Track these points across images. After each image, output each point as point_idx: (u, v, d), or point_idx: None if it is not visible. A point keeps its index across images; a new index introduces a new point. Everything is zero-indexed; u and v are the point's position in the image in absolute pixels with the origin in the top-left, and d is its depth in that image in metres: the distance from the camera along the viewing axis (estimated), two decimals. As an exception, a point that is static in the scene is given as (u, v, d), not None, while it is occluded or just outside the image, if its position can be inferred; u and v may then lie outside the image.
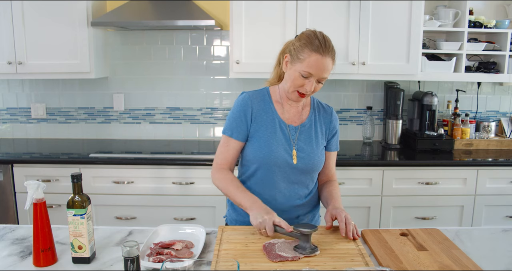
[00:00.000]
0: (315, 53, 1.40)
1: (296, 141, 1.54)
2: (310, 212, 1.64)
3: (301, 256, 1.24)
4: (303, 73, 1.42)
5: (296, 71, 1.43)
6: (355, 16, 2.65)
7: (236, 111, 1.54)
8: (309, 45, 1.41)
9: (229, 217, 1.69)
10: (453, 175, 2.57)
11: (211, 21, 2.55)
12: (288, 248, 1.28)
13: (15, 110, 3.15)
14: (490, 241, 1.42)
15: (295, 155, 1.52)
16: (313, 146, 1.55)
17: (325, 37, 1.45)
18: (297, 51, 1.43)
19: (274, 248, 1.27)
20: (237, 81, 3.08)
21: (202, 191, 2.56)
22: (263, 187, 1.55)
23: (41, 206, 1.20)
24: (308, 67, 1.40)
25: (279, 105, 1.57)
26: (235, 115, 1.54)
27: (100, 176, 2.56)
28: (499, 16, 2.96)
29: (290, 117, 1.57)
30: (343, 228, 1.37)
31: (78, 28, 2.69)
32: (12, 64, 2.72)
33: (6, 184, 2.54)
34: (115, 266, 1.23)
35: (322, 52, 1.40)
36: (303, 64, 1.41)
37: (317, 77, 1.43)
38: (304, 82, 1.43)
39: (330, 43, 1.45)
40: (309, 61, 1.40)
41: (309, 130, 1.57)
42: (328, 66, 1.43)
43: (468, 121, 2.95)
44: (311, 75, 1.42)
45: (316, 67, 1.40)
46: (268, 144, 1.51)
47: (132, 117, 3.15)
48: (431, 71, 2.78)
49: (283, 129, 1.54)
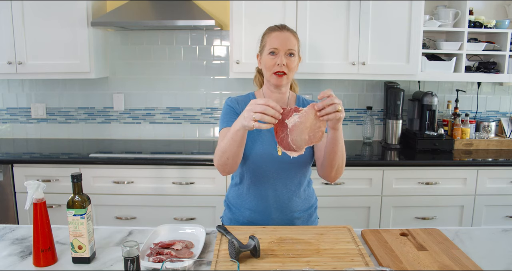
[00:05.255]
0: (273, 32, 1.56)
1: None
2: (306, 211, 1.64)
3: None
4: (270, 51, 1.53)
5: (265, 56, 1.55)
6: (355, 16, 2.65)
7: (226, 109, 1.61)
8: (267, 31, 1.60)
9: (225, 216, 1.72)
10: (453, 175, 2.57)
11: (211, 21, 2.55)
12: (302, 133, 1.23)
13: (15, 110, 3.15)
14: (490, 241, 1.42)
15: (279, 147, 1.54)
16: None
17: (282, 24, 1.61)
18: (260, 42, 1.61)
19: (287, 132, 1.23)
20: (237, 81, 3.08)
21: (202, 191, 2.56)
22: (256, 185, 1.58)
23: (41, 206, 1.20)
24: (270, 44, 1.53)
25: None
26: (226, 111, 1.61)
27: (100, 176, 2.56)
28: (499, 16, 2.96)
29: None
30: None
31: (78, 28, 2.69)
32: (12, 64, 2.72)
33: (6, 184, 2.54)
34: (115, 266, 1.23)
35: (278, 29, 1.56)
36: (266, 46, 1.55)
37: (283, 50, 1.52)
38: (275, 60, 1.53)
39: (286, 25, 1.59)
40: (270, 39, 1.55)
41: None
42: (290, 38, 1.54)
43: (468, 121, 2.95)
44: (277, 50, 1.52)
45: (277, 41, 1.52)
46: (254, 141, 1.54)
47: (132, 117, 3.15)
48: (431, 71, 2.78)
49: None
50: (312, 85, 3.05)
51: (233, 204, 1.66)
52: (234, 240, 1.23)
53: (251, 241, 1.25)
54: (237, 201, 1.64)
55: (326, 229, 1.46)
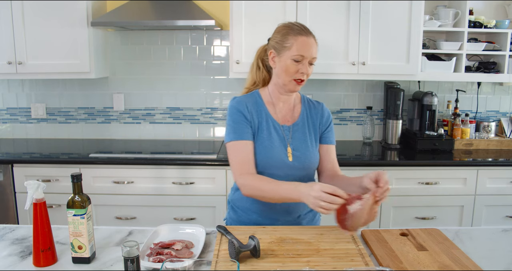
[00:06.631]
0: (300, 36, 1.46)
1: (290, 140, 1.56)
2: (312, 211, 1.66)
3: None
4: (295, 58, 1.46)
5: (287, 60, 1.47)
6: (355, 16, 2.65)
7: (235, 115, 1.53)
8: (291, 31, 1.48)
9: (229, 218, 1.69)
10: (453, 175, 2.57)
11: (211, 21, 2.55)
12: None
13: (15, 110, 3.15)
14: (490, 241, 1.42)
15: (290, 152, 1.54)
16: (307, 144, 1.57)
17: (301, 23, 1.52)
18: (282, 42, 1.48)
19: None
20: (237, 81, 3.08)
21: (202, 191, 2.56)
22: None
23: (41, 206, 1.20)
24: (297, 50, 1.45)
25: (271, 105, 1.59)
26: (235, 119, 1.53)
27: (100, 176, 2.56)
28: (499, 16, 2.96)
29: (283, 116, 1.59)
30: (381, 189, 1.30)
31: (78, 28, 2.69)
32: (12, 64, 2.72)
33: (6, 184, 2.54)
34: (115, 266, 1.23)
35: (305, 34, 1.47)
36: (292, 50, 1.46)
37: (309, 58, 1.47)
38: (298, 67, 1.47)
39: (307, 27, 1.51)
40: (297, 44, 1.46)
41: (303, 128, 1.59)
42: (314, 45, 1.49)
43: (468, 121, 2.94)
44: (303, 58, 1.46)
45: (305, 47, 1.46)
46: (264, 146, 1.52)
47: (132, 117, 3.15)
48: (431, 71, 2.78)
49: (277, 129, 1.56)
50: (312, 85, 3.05)
51: (239, 206, 1.64)
52: (234, 240, 1.23)
53: (251, 241, 1.25)
54: (243, 203, 1.61)
55: (326, 229, 1.46)
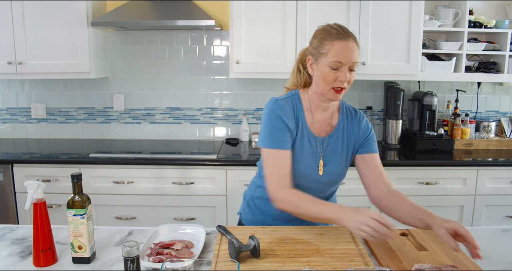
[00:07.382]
0: (337, 41, 1.35)
1: (322, 153, 1.49)
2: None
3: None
4: (332, 65, 1.35)
5: (324, 67, 1.37)
6: (355, 16, 2.65)
7: (275, 121, 1.44)
8: (328, 36, 1.37)
9: (245, 216, 1.64)
10: (453, 175, 2.57)
11: (211, 21, 2.55)
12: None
13: (15, 110, 3.15)
14: (490, 241, 1.41)
15: (321, 166, 1.48)
16: (338, 158, 1.51)
17: (340, 25, 1.40)
18: (318, 47, 1.39)
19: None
20: (237, 81, 3.08)
21: (202, 191, 2.56)
22: None
23: (41, 206, 1.20)
24: (334, 56, 1.35)
25: (309, 114, 1.50)
26: (275, 125, 1.43)
27: (100, 176, 2.56)
28: (499, 16, 2.96)
29: (319, 127, 1.51)
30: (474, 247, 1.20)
31: (78, 28, 2.69)
32: (12, 64, 2.72)
33: (6, 184, 2.54)
34: (115, 266, 1.23)
35: (343, 38, 1.35)
36: (328, 56, 1.35)
37: (348, 64, 1.36)
38: (337, 75, 1.36)
39: (347, 29, 1.39)
40: (334, 50, 1.35)
41: (336, 141, 1.51)
42: (354, 49, 1.36)
43: (468, 121, 2.95)
44: (341, 65, 1.35)
45: (343, 53, 1.34)
46: (295, 161, 1.46)
47: (132, 117, 3.15)
48: (431, 71, 2.78)
49: (310, 141, 1.48)
50: (312, 85, 3.04)
51: (258, 205, 1.59)
52: (234, 240, 1.23)
53: (251, 241, 1.25)
54: (263, 203, 1.56)
55: (326, 229, 1.46)
